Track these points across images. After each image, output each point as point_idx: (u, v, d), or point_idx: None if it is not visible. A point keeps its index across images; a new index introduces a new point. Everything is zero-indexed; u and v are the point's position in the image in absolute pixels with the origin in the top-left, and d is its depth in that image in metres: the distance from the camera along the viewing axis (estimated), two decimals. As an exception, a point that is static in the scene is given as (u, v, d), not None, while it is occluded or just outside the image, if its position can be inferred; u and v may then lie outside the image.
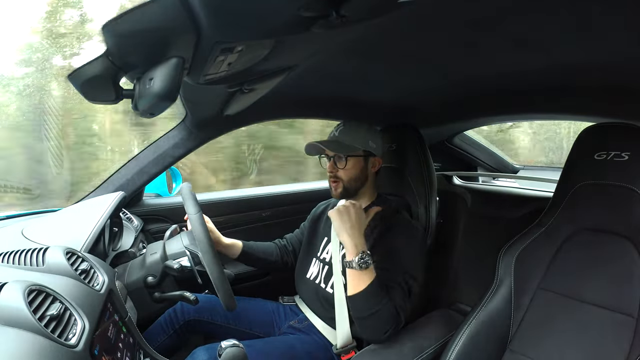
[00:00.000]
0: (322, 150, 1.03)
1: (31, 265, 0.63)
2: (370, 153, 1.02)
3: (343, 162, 0.99)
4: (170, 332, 1.03)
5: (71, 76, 0.47)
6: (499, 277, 0.92)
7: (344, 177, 1.00)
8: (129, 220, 1.14)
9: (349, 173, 1.00)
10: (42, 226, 0.86)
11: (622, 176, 0.78)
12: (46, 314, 0.49)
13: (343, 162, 0.99)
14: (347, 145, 0.99)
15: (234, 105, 0.93)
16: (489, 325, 0.87)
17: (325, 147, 0.99)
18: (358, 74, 0.95)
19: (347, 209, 0.89)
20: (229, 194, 1.53)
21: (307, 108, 1.33)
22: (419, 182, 1.13)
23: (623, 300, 0.74)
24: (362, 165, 1.02)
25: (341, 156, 0.99)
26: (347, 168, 1.00)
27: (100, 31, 0.42)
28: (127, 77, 0.52)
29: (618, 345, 0.72)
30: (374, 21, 0.51)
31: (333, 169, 1.01)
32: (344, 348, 0.97)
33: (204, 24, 0.43)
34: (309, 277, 1.09)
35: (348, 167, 1.00)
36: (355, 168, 1.01)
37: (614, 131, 0.82)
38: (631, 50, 0.67)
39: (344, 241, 0.87)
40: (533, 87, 0.98)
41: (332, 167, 1.01)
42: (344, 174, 1.00)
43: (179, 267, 0.85)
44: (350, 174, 1.01)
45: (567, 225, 0.87)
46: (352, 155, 0.99)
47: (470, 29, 0.64)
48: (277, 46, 0.56)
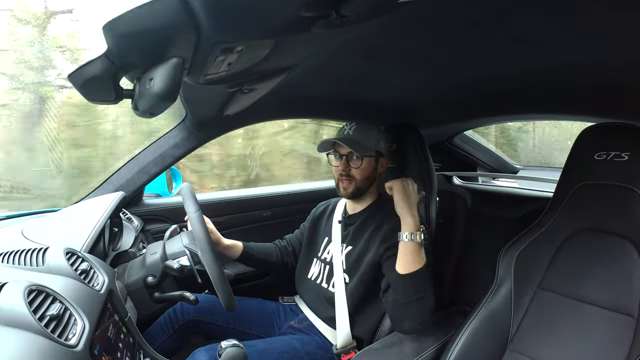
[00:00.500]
0: (332, 147, 1.03)
1: (31, 265, 0.63)
2: (381, 154, 1.03)
3: (358, 161, 0.99)
4: (170, 332, 1.03)
5: (71, 76, 0.47)
6: (499, 277, 0.92)
7: (358, 176, 1.00)
8: (129, 220, 1.14)
9: (363, 172, 1.00)
10: (42, 226, 0.86)
11: (622, 176, 0.78)
12: (46, 314, 0.49)
13: (358, 162, 0.99)
14: (363, 145, 0.99)
15: (234, 105, 0.93)
16: (489, 325, 0.87)
17: (344, 144, 0.97)
18: (358, 74, 0.95)
19: (409, 184, 0.91)
20: (229, 194, 1.53)
21: (307, 108, 1.33)
22: (419, 182, 1.13)
23: (623, 300, 0.74)
24: (374, 166, 1.03)
25: (356, 155, 0.99)
26: (362, 167, 1.00)
27: (101, 31, 0.42)
28: (127, 77, 0.52)
29: (618, 345, 0.72)
30: (374, 21, 0.51)
31: (346, 167, 1.00)
32: (344, 348, 0.97)
33: (204, 24, 0.43)
34: (310, 278, 1.09)
35: (363, 166, 1.00)
36: (368, 168, 1.01)
37: (614, 131, 0.82)
38: (631, 50, 0.67)
39: (406, 214, 0.88)
40: (533, 87, 0.98)
41: (345, 165, 1.00)
42: (358, 173, 1.00)
43: (179, 267, 0.85)
44: (364, 174, 1.01)
45: (567, 225, 0.87)
46: (367, 155, 1.00)
47: (470, 29, 0.64)
48: (277, 46, 0.56)
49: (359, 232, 1.02)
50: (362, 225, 1.02)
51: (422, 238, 0.86)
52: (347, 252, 1.02)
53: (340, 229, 1.07)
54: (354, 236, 1.03)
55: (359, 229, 1.02)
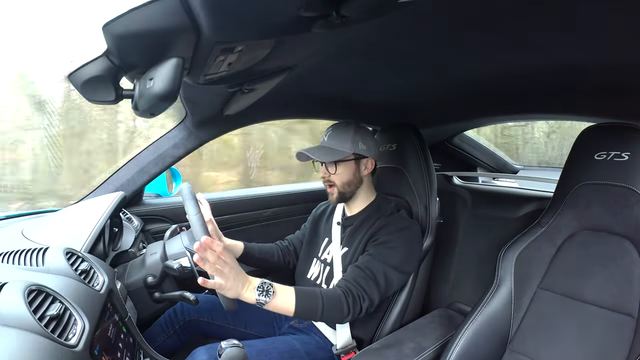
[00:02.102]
0: (306, 158, 1.02)
1: (31, 265, 0.63)
2: (360, 155, 1.01)
3: (333, 167, 0.99)
4: (170, 332, 1.03)
5: (71, 76, 0.47)
6: (499, 277, 0.92)
7: (337, 181, 1.00)
8: (129, 220, 1.14)
9: (341, 177, 1.00)
10: (42, 226, 0.86)
11: (622, 176, 0.78)
12: (46, 314, 0.49)
13: (333, 168, 0.99)
14: (335, 151, 0.98)
15: (234, 105, 0.93)
16: (489, 325, 0.87)
17: (311, 155, 0.97)
18: (358, 74, 0.95)
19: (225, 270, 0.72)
20: (229, 194, 1.53)
21: (307, 108, 1.33)
22: (419, 182, 1.13)
23: (623, 300, 0.74)
24: (354, 169, 1.01)
25: (327, 163, 0.99)
26: (338, 173, 1.00)
27: (101, 31, 0.42)
28: (127, 77, 0.52)
29: (618, 345, 0.72)
30: (374, 21, 0.51)
31: (325, 173, 1.01)
32: (344, 348, 0.97)
33: (204, 24, 0.43)
34: (309, 278, 1.09)
35: (339, 172, 1.00)
36: (346, 172, 1.00)
37: (614, 131, 0.82)
38: (631, 50, 0.67)
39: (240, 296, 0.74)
40: (533, 87, 0.98)
41: (324, 172, 1.01)
42: (337, 179, 1.00)
43: (179, 267, 0.85)
44: (343, 178, 1.00)
45: (567, 225, 0.87)
46: (341, 160, 0.99)
47: (470, 29, 0.64)
48: (277, 46, 0.56)
49: (355, 234, 1.02)
50: (358, 227, 1.03)
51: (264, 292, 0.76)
52: (343, 253, 1.03)
53: (339, 230, 1.08)
54: (350, 238, 1.03)
55: (355, 231, 1.03)
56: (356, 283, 0.87)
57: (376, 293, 0.88)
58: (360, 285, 0.87)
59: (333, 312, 0.83)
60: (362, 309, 0.86)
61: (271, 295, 0.76)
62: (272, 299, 0.76)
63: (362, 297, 0.86)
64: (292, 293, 0.80)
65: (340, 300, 0.84)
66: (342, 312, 0.84)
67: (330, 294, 0.84)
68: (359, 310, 0.86)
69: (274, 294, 0.77)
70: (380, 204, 1.06)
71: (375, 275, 0.89)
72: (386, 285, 0.90)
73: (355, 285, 0.87)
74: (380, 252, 0.93)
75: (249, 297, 0.75)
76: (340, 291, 0.85)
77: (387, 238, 0.94)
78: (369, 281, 0.88)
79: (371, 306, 0.88)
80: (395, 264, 0.92)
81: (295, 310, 0.79)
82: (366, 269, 0.89)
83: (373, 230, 0.97)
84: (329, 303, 0.82)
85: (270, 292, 0.76)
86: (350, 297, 0.85)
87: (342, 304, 0.84)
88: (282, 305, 0.78)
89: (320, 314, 0.81)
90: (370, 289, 0.88)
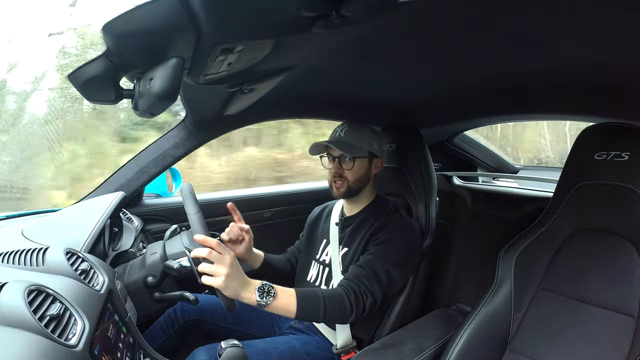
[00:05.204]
0: (324, 150, 1.03)
1: (31, 265, 0.63)
2: (374, 155, 1.03)
3: (349, 163, 0.99)
4: (170, 332, 1.03)
5: (71, 76, 0.47)
6: (499, 277, 0.92)
7: (350, 177, 1.00)
8: (129, 220, 1.14)
9: (355, 174, 1.00)
10: (42, 226, 0.86)
11: (622, 176, 0.78)
12: (46, 314, 0.49)
13: (350, 163, 0.99)
14: (354, 147, 0.99)
15: (234, 105, 0.93)
16: (489, 325, 0.87)
17: (335, 147, 0.98)
18: (358, 74, 0.95)
19: (220, 269, 0.72)
20: (229, 194, 1.53)
21: (307, 108, 1.33)
22: (419, 182, 1.13)
23: (623, 300, 0.74)
24: (367, 167, 1.02)
25: (347, 157, 0.99)
26: (354, 169, 1.00)
27: (101, 31, 0.42)
28: (127, 77, 0.52)
29: (618, 345, 0.72)
30: (374, 21, 0.51)
31: (338, 169, 1.01)
32: (344, 348, 0.97)
33: (204, 24, 0.43)
34: (309, 280, 1.09)
35: (355, 168, 1.00)
36: (360, 169, 1.01)
37: (614, 131, 0.82)
38: (631, 50, 0.67)
39: (239, 297, 0.74)
40: (533, 87, 0.98)
41: (338, 167, 1.01)
42: (350, 175, 1.00)
43: (179, 267, 0.85)
44: (356, 175, 1.01)
45: (567, 225, 0.87)
46: (359, 157, 1.00)
47: (470, 29, 0.64)
48: (277, 46, 0.56)
49: (355, 233, 1.02)
50: (358, 227, 1.03)
51: (265, 294, 0.75)
52: (343, 253, 1.03)
53: (337, 231, 1.08)
54: (350, 238, 1.03)
55: (355, 231, 1.03)
56: (358, 281, 0.87)
57: (379, 290, 0.89)
58: (362, 283, 0.87)
59: (335, 312, 0.83)
60: (365, 306, 0.86)
61: (272, 297, 0.76)
62: (273, 301, 0.76)
63: (365, 294, 0.86)
64: (293, 294, 0.80)
65: (342, 298, 0.84)
66: (344, 310, 0.84)
67: (332, 293, 0.84)
68: (362, 308, 0.86)
69: (275, 295, 0.77)
70: (380, 203, 1.06)
71: (377, 273, 0.89)
72: (388, 282, 0.90)
73: (357, 282, 0.87)
74: (382, 250, 0.93)
75: (249, 299, 0.75)
76: (342, 290, 0.85)
77: (388, 237, 0.94)
78: (371, 278, 0.88)
79: (374, 304, 0.88)
80: (397, 262, 0.93)
81: (297, 312, 0.79)
82: (367, 267, 0.90)
83: (374, 229, 0.97)
84: (330, 303, 0.82)
85: (271, 294, 0.76)
86: (352, 294, 0.85)
87: (345, 303, 0.83)
88: (284, 306, 0.78)
89: (322, 314, 0.81)
90: (373, 286, 0.88)
